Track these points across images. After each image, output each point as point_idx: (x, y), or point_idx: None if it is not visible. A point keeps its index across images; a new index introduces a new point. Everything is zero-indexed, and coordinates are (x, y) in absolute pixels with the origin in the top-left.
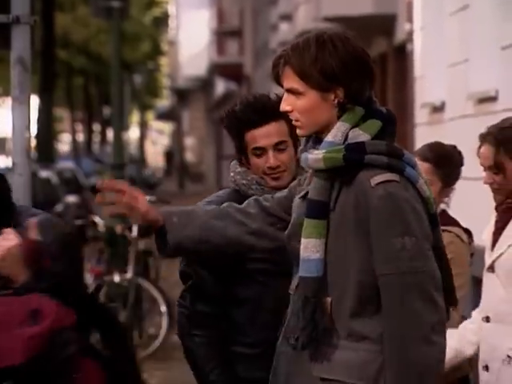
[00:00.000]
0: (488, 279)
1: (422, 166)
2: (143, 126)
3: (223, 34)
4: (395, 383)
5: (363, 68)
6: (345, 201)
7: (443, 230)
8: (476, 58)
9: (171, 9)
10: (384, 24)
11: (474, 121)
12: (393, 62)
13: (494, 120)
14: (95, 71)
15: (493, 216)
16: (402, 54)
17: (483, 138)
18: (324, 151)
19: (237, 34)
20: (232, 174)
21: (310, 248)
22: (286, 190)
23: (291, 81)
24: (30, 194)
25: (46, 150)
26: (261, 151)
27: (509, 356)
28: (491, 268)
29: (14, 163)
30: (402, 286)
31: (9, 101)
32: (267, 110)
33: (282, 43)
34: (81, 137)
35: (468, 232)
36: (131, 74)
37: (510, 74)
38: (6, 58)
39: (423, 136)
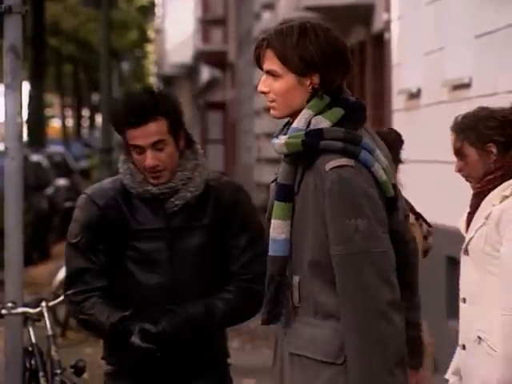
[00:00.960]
0: (464, 262)
1: None
2: None
3: (208, 23)
4: (355, 359)
5: (340, 59)
6: (306, 185)
7: None
8: (451, 46)
9: None
10: (363, 13)
11: (448, 107)
12: (371, 50)
13: (468, 106)
14: (84, 58)
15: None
16: (379, 43)
17: (451, 127)
18: (287, 136)
19: (221, 23)
20: (119, 164)
21: (277, 229)
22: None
23: (271, 63)
24: (22, 177)
25: (36, 134)
26: (140, 150)
27: (479, 337)
28: (466, 251)
29: (6, 148)
30: (356, 265)
31: (1, 88)
32: (146, 110)
33: (264, 31)
34: (70, 122)
35: (419, 216)
36: (119, 62)
37: (483, 62)
38: None
39: (400, 121)
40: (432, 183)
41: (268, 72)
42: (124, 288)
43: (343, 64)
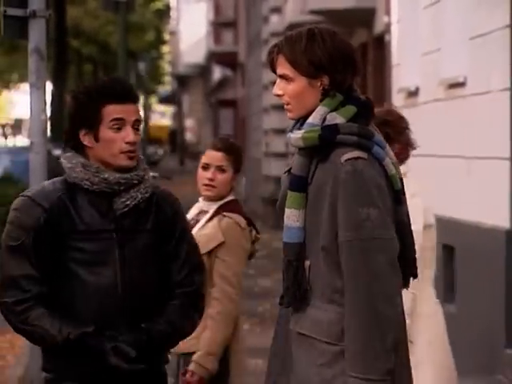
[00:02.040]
0: None
1: (216, 156)
2: (147, 108)
3: (219, 25)
4: (355, 339)
5: (347, 61)
6: (320, 176)
7: (225, 216)
8: (447, 47)
9: (172, 2)
10: (365, 17)
11: (444, 104)
12: (372, 51)
13: (463, 103)
14: (103, 59)
15: None
16: (380, 44)
17: None
18: (303, 131)
19: (232, 25)
20: (61, 160)
21: (291, 217)
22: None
23: (283, 67)
24: (46, 170)
25: (59, 130)
26: (120, 125)
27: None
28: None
29: (31, 143)
30: (366, 250)
31: (24, 86)
32: (133, 90)
33: (272, 33)
34: None
35: (250, 221)
36: (136, 62)
37: (477, 62)
38: (22, 47)
39: None
40: (429, 175)
41: (281, 76)
42: (69, 291)
43: (351, 65)
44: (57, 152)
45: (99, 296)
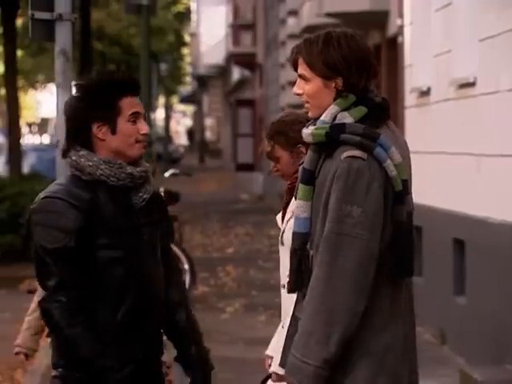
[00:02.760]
0: (281, 251)
1: None
2: (168, 108)
3: (238, 27)
4: (306, 323)
5: (362, 63)
6: (324, 171)
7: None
8: (457, 48)
9: (193, 5)
10: (378, 19)
11: (455, 103)
12: (386, 52)
13: (473, 103)
14: (126, 60)
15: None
16: (393, 46)
17: (264, 134)
18: (314, 127)
19: (250, 27)
20: (74, 158)
21: (299, 208)
22: None
23: (302, 68)
24: None
25: None
26: (135, 117)
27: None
28: (281, 242)
29: (58, 141)
30: (339, 245)
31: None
32: (139, 83)
33: (289, 35)
34: None
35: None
36: (158, 63)
37: (486, 63)
38: (47, 49)
39: (412, 117)
40: (440, 172)
41: (300, 76)
42: (97, 288)
43: (366, 67)
44: None
45: (132, 292)
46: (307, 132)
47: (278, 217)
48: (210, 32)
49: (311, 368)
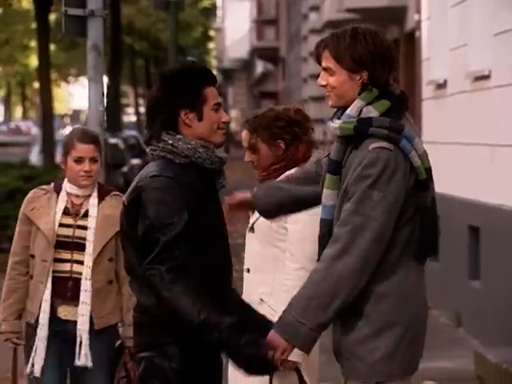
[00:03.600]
0: (249, 238)
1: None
2: None
3: (262, 23)
4: (309, 287)
5: (386, 58)
6: (351, 161)
7: (116, 195)
8: (473, 43)
9: (218, 1)
10: (397, 14)
11: (470, 95)
12: (404, 46)
13: (488, 95)
14: (155, 54)
15: None
16: (411, 40)
17: (243, 125)
18: (341, 121)
19: (273, 23)
20: (170, 142)
21: (326, 197)
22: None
23: (327, 61)
24: (103, 157)
25: (114, 120)
26: (218, 107)
27: (261, 299)
28: (252, 229)
29: None
30: (356, 224)
31: (82, 79)
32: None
33: (311, 30)
34: (142, 109)
35: None
36: (185, 57)
37: (501, 57)
38: (79, 43)
39: (429, 108)
40: (455, 161)
41: (325, 69)
42: (197, 267)
43: (388, 62)
44: (112, 140)
45: (216, 273)
46: (334, 126)
47: None
48: (235, 27)
49: (306, 329)
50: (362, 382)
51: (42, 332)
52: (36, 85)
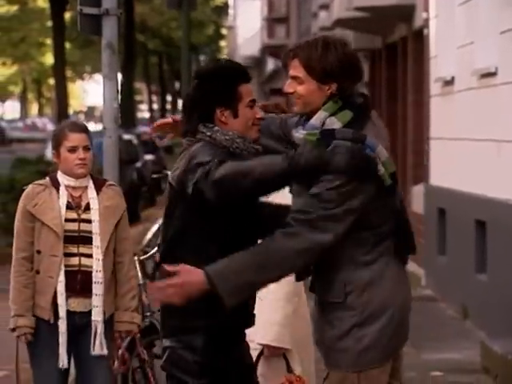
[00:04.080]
0: None
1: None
2: None
3: (273, 21)
4: (247, 265)
5: (354, 69)
6: None
7: (111, 185)
8: (480, 40)
9: (229, 0)
10: (405, 12)
11: (477, 92)
12: (412, 44)
13: (494, 91)
14: (167, 52)
15: None
16: (419, 38)
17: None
18: (305, 132)
19: (284, 21)
20: (208, 134)
21: (296, 204)
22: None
23: (297, 70)
24: (117, 152)
25: (128, 117)
26: (253, 103)
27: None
28: None
29: (104, 128)
30: (307, 225)
31: (96, 77)
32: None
33: (321, 28)
34: (156, 106)
35: None
36: (197, 54)
37: (507, 54)
38: (93, 42)
39: (436, 105)
40: (462, 157)
41: (293, 77)
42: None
43: (356, 73)
44: (126, 136)
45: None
46: (299, 136)
47: None
48: (246, 25)
49: (231, 285)
50: (346, 372)
51: (63, 325)
52: (51, 82)
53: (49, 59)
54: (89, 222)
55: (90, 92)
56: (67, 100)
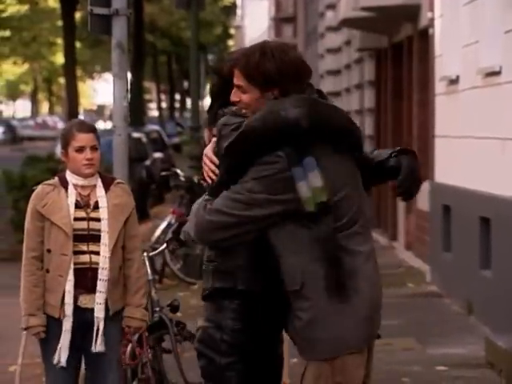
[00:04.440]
0: None
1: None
2: None
3: (280, 20)
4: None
5: (297, 72)
6: None
7: (119, 183)
8: (484, 40)
9: (238, 0)
10: (411, 12)
11: (482, 91)
12: (417, 43)
13: (498, 90)
14: (176, 51)
15: None
16: (425, 37)
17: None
18: None
19: (291, 20)
20: (226, 110)
21: None
22: None
23: (239, 80)
24: (127, 150)
25: (137, 115)
26: None
27: None
28: None
29: (114, 126)
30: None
31: (106, 76)
32: None
33: (327, 28)
34: (165, 105)
35: None
36: (206, 54)
37: (511, 53)
38: (103, 41)
39: (442, 103)
40: (467, 154)
41: (237, 86)
42: None
43: (299, 75)
44: (136, 135)
45: None
46: None
47: None
48: (254, 25)
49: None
50: (323, 360)
51: (68, 323)
52: (62, 81)
53: (59, 58)
54: (98, 220)
55: (100, 91)
56: (78, 99)
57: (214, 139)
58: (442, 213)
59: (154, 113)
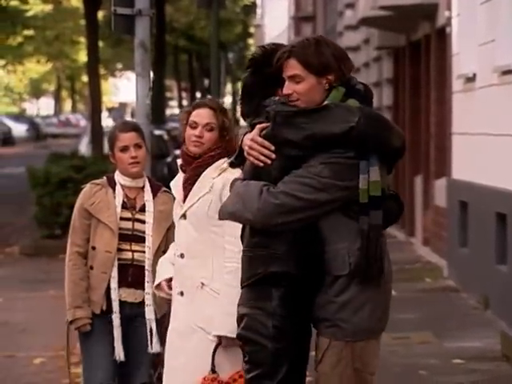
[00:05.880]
0: (181, 225)
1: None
2: (235, 94)
3: (299, 19)
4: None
5: (346, 60)
6: None
7: (165, 191)
8: (501, 38)
9: None
10: (428, 11)
11: (498, 89)
12: (435, 41)
13: None
14: (197, 50)
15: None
16: (442, 36)
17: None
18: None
19: (310, 19)
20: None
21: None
22: None
23: (295, 69)
24: (149, 148)
25: (158, 113)
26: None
27: (202, 283)
28: (184, 216)
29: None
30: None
31: (127, 74)
32: None
33: (346, 27)
34: (185, 103)
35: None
36: (226, 52)
37: None
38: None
39: (459, 101)
40: (484, 151)
41: (290, 77)
42: None
43: (348, 63)
44: (157, 132)
45: None
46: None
47: (176, 193)
48: (274, 24)
49: None
50: (347, 341)
51: (117, 319)
52: (85, 79)
53: (82, 57)
54: (142, 222)
55: (121, 89)
56: (101, 97)
57: (259, 125)
58: (458, 209)
59: (175, 110)
